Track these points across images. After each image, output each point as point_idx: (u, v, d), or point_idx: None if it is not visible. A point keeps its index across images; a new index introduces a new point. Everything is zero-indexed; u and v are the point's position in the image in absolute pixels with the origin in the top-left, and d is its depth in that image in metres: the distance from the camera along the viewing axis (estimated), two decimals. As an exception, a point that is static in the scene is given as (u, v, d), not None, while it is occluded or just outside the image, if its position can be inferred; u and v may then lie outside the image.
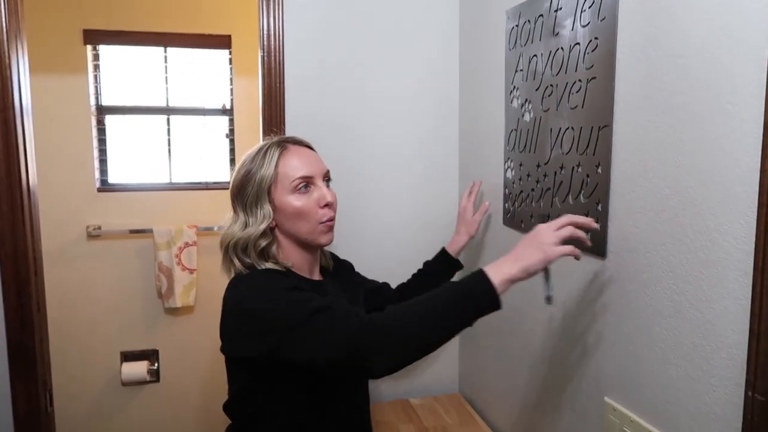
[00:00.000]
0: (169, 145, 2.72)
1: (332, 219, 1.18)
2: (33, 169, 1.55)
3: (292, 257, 1.18)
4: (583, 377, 1.16)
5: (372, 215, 1.74)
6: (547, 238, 0.97)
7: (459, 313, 0.96)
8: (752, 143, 0.74)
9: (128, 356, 2.63)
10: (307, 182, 1.15)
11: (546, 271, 0.99)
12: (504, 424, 1.54)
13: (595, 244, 1.08)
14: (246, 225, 1.15)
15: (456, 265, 1.52)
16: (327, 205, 1.16)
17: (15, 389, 1.54)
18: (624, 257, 1.02)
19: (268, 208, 1.14)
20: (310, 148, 1.22)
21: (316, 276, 1.24)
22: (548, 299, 1.01)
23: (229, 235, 1.15)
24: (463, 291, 0.97)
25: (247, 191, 1.15)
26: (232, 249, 1.14)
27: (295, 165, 1.15)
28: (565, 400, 1.24)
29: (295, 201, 1.14)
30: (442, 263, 1.52)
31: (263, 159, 1.15)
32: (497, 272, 0.95)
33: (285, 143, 1.18)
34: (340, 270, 1.36)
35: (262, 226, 1.13)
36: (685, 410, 0.89)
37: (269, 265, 1.14)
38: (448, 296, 0.97)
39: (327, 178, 1.20)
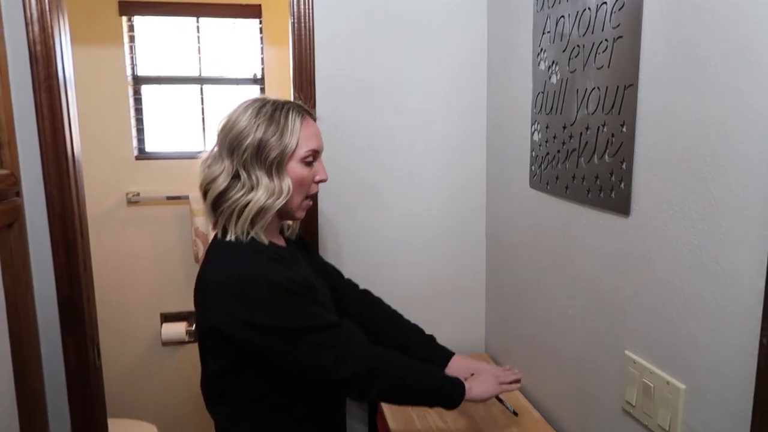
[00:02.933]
0: (202, 113, 2.79)
1: (314, 196, 1.21)
2: (77, 136, 1.63)
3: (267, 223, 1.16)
4: (604, 332, 1.19)
5: (403, 169, 1.78)
6: (501, 378, 1.30)
7: (434, 397, 1.22)
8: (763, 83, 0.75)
9: (168, 317, 2.75)
10: (314, 156, 1.17)
11: (499, 398, 1.33)
12: (528, 380, 1.58)
13: (619, 203, 1.10)
14: (253, 189, 1.11)
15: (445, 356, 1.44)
16: (320, 181, 1.19)
17: (66, 343, 1.64)
18: (647, 214, 1.04)
19: (288, 182, 1.12)
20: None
21: (281, 242, 1.24)
22: (514, 413, 1.40)
23: (230, 196, 1.11)
24: (447, 390, 1.21)
25: (265, 154, 1.10)
26: (228, 212, 1.11)
27: (310, 135, 1.16)
28: (586, 354, 1.27)
29: (300, 170, 1.14)
30: (437, 352, 1.44)
31: (286, 122, 1.12)
32: (470, 392, 1.23)
33: (302, 110, 1.17)
34: (301, 243, 1.37)
35: (279, 202, 1.11)
36: (703, 361, 0.92)
37: (254, 234, 1.12)
38: (437, 385, 1.22)
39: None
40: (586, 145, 1.21)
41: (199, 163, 1.19)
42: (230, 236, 1.12)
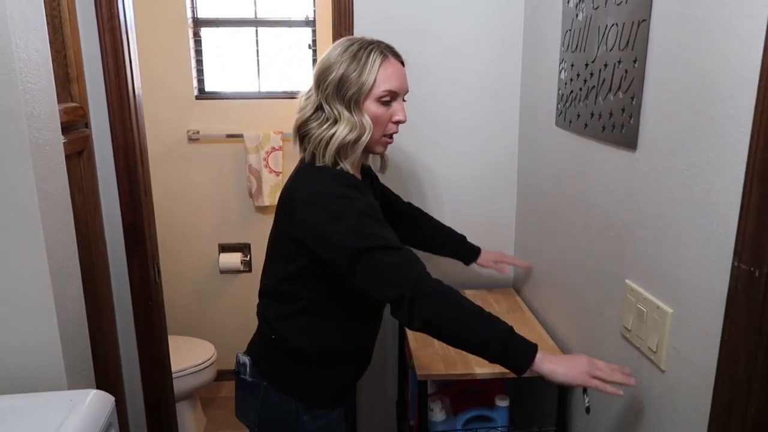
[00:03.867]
0: (257, 55, 2.91)
1: (394, 134, 1.28)
2: (137, 74, 1.78)
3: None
4: (610, 262, 1.25)
5: (437, 108, 1.84)
6: (596, 372, 1.06)
7: (489, 351, 1.10)
8: (759, 26, 0.78)
9: (225, 248, 2.97)
10: (392, 96, 1.23)
11: (584, 389, 1.17)
12: (546, 311, 1.66)
13: (628, 138, 1.14)
14: (336, 122, 1.20)
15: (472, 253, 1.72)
16: (397, 122, 1.25)
17: (130, 261, 1.84)
18: (651, 149, 1.08)
19: (367, 119, 1.20)
20: (403, 63, 1.27)
21: (359, 175, 1.32)
22: (587, 410, 1.26)
23: (313, 126, 1.22)
24: (508, 349, 1.08)
25: (345, 89, 1.19)
26: (316, 142, 1.21)
27: (389, 76, 1.21)
28: (594, 284, 1.34)
29: (376, 109, 1.21)
30: (462, 247, 1.72)
31: (366, 61, 1.19)
32: (543, 363, 1.07)
33: (386, 52, 1.23)
34: (368, 174, 1.46)
35: (355, 135, 1.19)
36: (688, 285, 0.97)
37: (342, 166, 1.22)
38: (497, 337, 1.09)
39: (405, 96, 1.27)
40: (604, 82, 1.24)
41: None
42: (319, 163, 1.23)
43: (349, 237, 1.14)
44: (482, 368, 1.44)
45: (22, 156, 1.07)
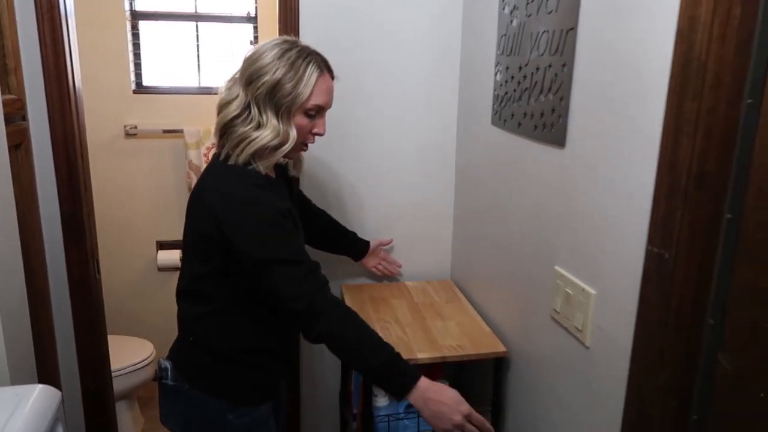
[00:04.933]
0: (198, 50, 2.88)
1: (307, 145, 1.33)
2: (77, 65, 1.74)
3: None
4: (541, 251, 1.36)
5: (381, 103, 1.91)
6: (456, 419, 1.18)
7: (373, 375, 1.24)
8: (669, 38, 0.89)
9: (163, 245, 2.93)
10: (318, 110, 1.28)
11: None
12: (482, 300, 1.77)
13: (557, 136, 1.24)
14: (260, 126, 1.21)
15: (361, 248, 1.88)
16: (316, 134, 1.31)
17: (69, 255, 1.81)
18: (578, 146, 1.18)
19: (294, 131, 1.23)
20: (333, 78, 1.31)
21: (271, 174, 1.35)
22: None
23: (237, 123, 1.22)
24: (393, 373, 1.20)
25: (278, 97, 1.20)
26: (236, 140, 1.22)
27: (321, 92, 1.25)
28: (527, 272, 1.44)
29: (301, 120, 1.25)
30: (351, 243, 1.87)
31: (303, 73, 1.21)
32: (417, 399, 1.19)
33: (322, 66, 1.26)
34: (285, 174, 1.46)
35: (277, 142, 1.22)
36: (609, 269, 1.08)
37: (254, 166, 1.24)
38: (386, 362, 1.20)
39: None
40: (536, 84, 1.35)
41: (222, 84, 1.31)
42: (231, 161, 1.24)
43: (254, 246, 1.19)
44: (423, 353, 1.52)
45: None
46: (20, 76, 1.59)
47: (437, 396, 1.20)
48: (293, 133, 1.24)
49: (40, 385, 1.13)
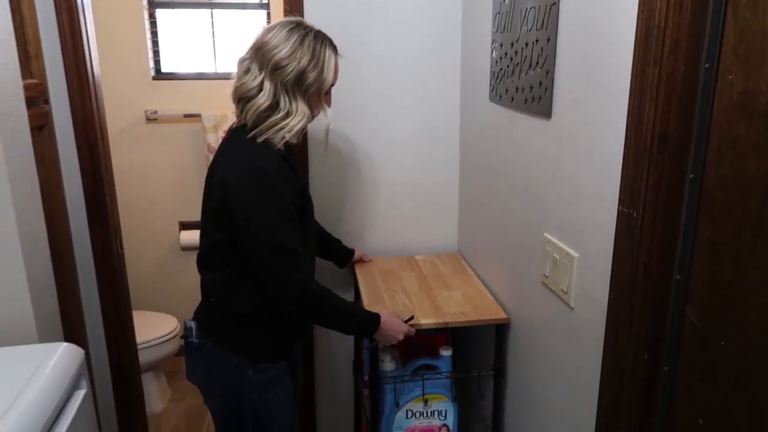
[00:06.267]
0: (213, 37, 2.98)
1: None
2: (95, 52, 1.84)
3: None
4: (532, 220, 1.41)
5: (384, 83, 1.97)
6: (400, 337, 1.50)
7: (348, 329, 1.57)
8: (633, 8, 0.93)
9: (185, 225, 3.05)
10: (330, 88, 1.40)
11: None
12: (485, 270, 1.83)
13: (543, 108, 1.29)
14: (289, 114, 1.31)
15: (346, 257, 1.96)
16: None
17: (92, 232, 1.92)
18: (562, 117, 1.23)
19: (320, 109, 1.37)
20: None
21: (298, 142, 1.47)
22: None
23: (266, 113, 1.31)
24: (364, 326, 1.47)
25: (305, 84, 1.31)
26: (267, 127, 1.31)
27: (337, 71, 1.38)
28: (520, 240, 1.50)
29: (321, 98, 1.37)
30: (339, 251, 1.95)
31: (324, 58, 1.32)
32: (379, 333, 1.46)
33: (334, 47, 1.37)
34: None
35: (304, 123, 1.33)
36: (589, 232, 1.14)
37: (275, 142, 1.32)
38: (354, 321, 1.46)
39: None
40: (525, 59, 1.39)
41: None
42: (258, 139, 1.32)
43: (264, 228, 1.29)
44: (427, 319, 1.59)
45: (-13, 126, 1.16)
46: (41, 62, 1.69)
47: (388, 328, 1.47)
48: (320, 112, 1.37)
49: (65, 343, 1.23)
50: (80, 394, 1.18)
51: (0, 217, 1.19)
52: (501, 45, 1.55)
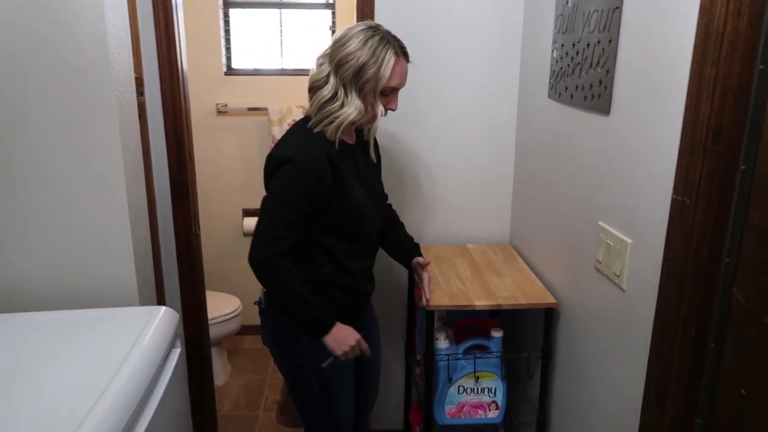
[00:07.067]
0: (281, 35, 3.15)
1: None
2: (185, 48, 2.03)
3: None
4: (587, 209, 1.51)
5: (450, 80, 2.09)
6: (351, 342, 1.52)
7: (301, 318, 1.50)
8: (693, 14, 1.02)
9: (248, 212, 3.24)
10: (392, 90, 1.48)
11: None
12: (536, 260, 1.93)
13: (603, 105, 1.39)
14: (344, 105, 1.43)
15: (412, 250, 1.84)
16: (389, 109, 1.52)
17: (175, 215, 2.11)
18: (620, 113, 1.33)
19: (373, 106, 1.45)
20: (408, 62, 1.50)
21: (352, 141, 1.57)
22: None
23: (326, 104, 1.44)
24: (316, 322, 1.50)
25: (362, 80, 1.42)
26: (323, 116, 1.44)
27: (396, 75, 1.45)
28: (575, 229, 1.60)
29: (378, 98, 1.47)
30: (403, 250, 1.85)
31: (383, 58, 1.42)
32: (331, 336, 1.50)
33: (399, 52, 1.46)
34: (364, 142, 1.65)
35: (357, 117, 1.44)
36: (643, 219, 1.23)
37: (329, 134, 1.45)
38: (307, 313, 1.49)
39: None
40: (586, 59, 1.49)
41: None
42: (315, 129, 1.46)
43: (268, 200, 1.47)
44: (480, 301, 1.70)
45: (110, 114, 1.33)
46: (140, 58, 1.88)
47: (338, 334, 1.51)
48: (374, 109, 1.47)
49: (165, 307, 1.40)
50: (176, 353, 1.35)
51: (115, 189, 1.37)
52: (562, 45, 1.65)
